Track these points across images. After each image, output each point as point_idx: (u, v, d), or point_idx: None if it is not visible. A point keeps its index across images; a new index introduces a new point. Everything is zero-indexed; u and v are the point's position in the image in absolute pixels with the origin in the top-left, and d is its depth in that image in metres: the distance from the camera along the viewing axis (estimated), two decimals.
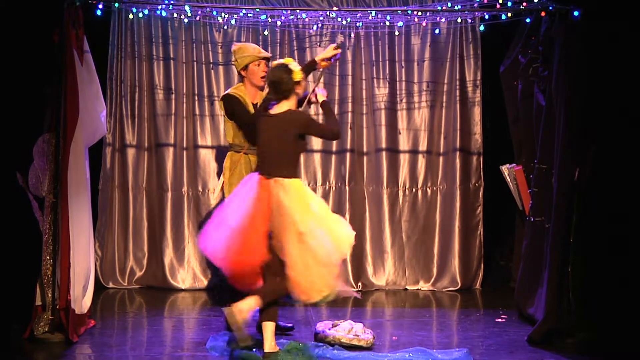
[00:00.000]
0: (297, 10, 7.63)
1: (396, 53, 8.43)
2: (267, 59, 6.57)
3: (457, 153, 8.45)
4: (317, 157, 8.48)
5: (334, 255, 5.87)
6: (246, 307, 5.77)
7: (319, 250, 5.80)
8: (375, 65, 8.43)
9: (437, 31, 8.25)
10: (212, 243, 5.93)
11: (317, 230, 5.83)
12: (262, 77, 6.49)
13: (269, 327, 5.94)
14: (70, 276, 6.39)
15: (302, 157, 6.19)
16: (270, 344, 5.92)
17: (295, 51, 8.39)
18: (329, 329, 6.39)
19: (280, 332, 6.34)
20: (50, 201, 6.41)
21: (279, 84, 5.92)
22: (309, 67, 6.24)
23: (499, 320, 7.25)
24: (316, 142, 8.46)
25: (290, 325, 6.72)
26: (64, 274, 6.36)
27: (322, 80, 6.87)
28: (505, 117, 8.00)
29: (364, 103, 8.45)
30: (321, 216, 5.94)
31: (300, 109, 6.12)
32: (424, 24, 7.97)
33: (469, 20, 8.04)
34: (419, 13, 7.52)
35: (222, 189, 6.64)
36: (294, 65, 5.98)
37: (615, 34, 6.67)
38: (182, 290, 8.25)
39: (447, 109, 8.47)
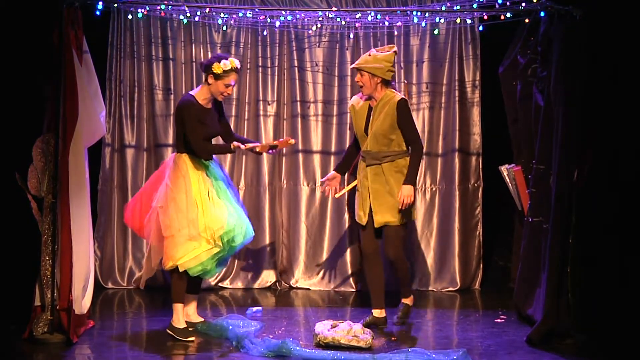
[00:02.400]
0: (296, 11, 7.63)
1: None
2: None
3: (456, 153, 8.45)
4: (316, 157, 8.49)
5: (177, 228, 6.38)
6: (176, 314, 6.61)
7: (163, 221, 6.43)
8: None
9: (436, 32, 8.25)
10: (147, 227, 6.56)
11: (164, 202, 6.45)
12: None
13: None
14: (72, 276, 6.39)
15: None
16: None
17: (294, 51, 8.39)
18: (328, 330, 6.39)
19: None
20: (50, 201, 6.41)
21: (207, 61, 6.61)
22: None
23: (498, 320, 7.26)
24: (315, 143, 8.47)
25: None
26: (65, 275, 6.36)
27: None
28: (504, 118, 8.00)
29: None
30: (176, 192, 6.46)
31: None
32: (423, 24, 7.97)
33: (468, 21, 8.04)
34: (418, 13, 7.53)
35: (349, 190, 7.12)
36: (225, 63, 6.47)
37: (613, 35, 6.69)
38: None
39: (446, 110, 8.47)
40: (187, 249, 6.37)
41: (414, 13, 7.49)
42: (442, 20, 7.89)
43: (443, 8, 7.41)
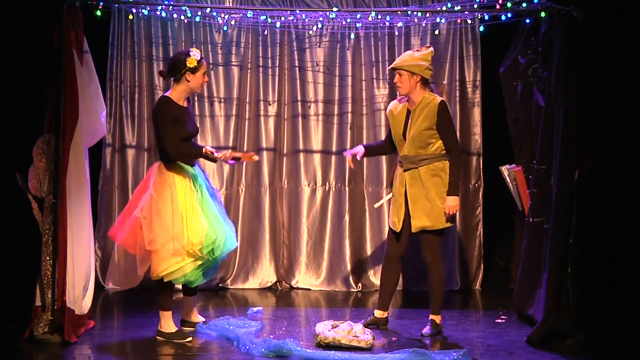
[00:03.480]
0: (297, 11, 7.63)
1: (396, 54, 8.41)
2: None
3: None
4: (317, 157, 8.49)
5: (161, 243, 6.30)
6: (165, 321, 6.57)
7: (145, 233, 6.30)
8: (375, 66, 8.43)
9: (436, 32, 8.25)
10: (127, 236, 6.42)
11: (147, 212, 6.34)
12: None
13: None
14: (68, 277, 6.39)
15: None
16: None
17: (295, 52, 8.39)
18: (329, 330, 6.39)
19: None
20: (50, 202, 6.41)
21: (172, 63, 6.48)
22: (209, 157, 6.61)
23: (499, 321, 7.25)
24: (315, 143, 8.47)
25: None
26: (61, 275, 6.36)
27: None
28: (504, 118, 8.00)
29: (364, 104, 8.45)
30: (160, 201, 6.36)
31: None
32: (423, 24, 7.97)
33: (469, 21, 8.04)
34: (419, 14, 7.53)
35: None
36: (194, 54, 6.42)
37: (614, 35, 6.68)
38: (181, 291, 8.23)
39: None
40: (170, 262, 6.32)
41: (415, 13, 7.49)
42: (442, 21, 7.89)
43: (444, 8, 7.41)
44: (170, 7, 7.47)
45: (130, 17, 8.04)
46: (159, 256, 6.30)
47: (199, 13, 7.70)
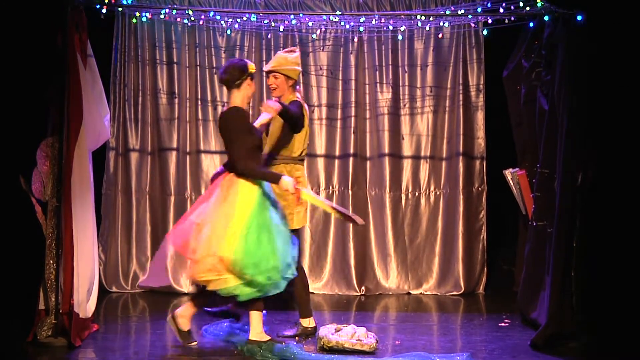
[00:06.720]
0: (300, 15, 7.64)
1: (399, 58, 8.44)
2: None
3: (460, 157, 8.45)
4: (320, 161, 8.49)
5: (213, 249, 6.10)
6: (184, 313, 6.41)
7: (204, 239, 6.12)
8: (378, 70, 8.43)
9: (440, 36, 8.26)
10: (178, 236, 6.28)
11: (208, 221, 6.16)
12: None
13: (254, 316, 6.34)
14: (74, 280, 6.39)
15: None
16: (256, 332, 6.32)
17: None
18: (332, 334, 6.39)
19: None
20: (54, 205, 6.42)
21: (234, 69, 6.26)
22: None
23: (502, 324, 7.25)
24: (319, 147, 8.47)
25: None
26: (67, 278, 6.37)
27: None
28: (508, 122, 8.00)
29: (367, 108, 8.46)
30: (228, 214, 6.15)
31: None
32: (427, 28, 7.98)
33: (472, 25, 8.04)
34: (422, 17, 7.53)
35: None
36: (249, 62, 6.33)
37: (617, 39, 6.69)
38: (185, 294, 8.24)
39: (450, 114, 8.47)
40: (208, 273, 6.12)
41: (418, 17, 7.49)
42: (446, 24, 7.90)
43: (447, 12, 7.41)
44: (174, 10, 7.47)
45: (134, 20, 8.05)
46: (198, 265, 6.12)
47: (203, 16, 7.71)
